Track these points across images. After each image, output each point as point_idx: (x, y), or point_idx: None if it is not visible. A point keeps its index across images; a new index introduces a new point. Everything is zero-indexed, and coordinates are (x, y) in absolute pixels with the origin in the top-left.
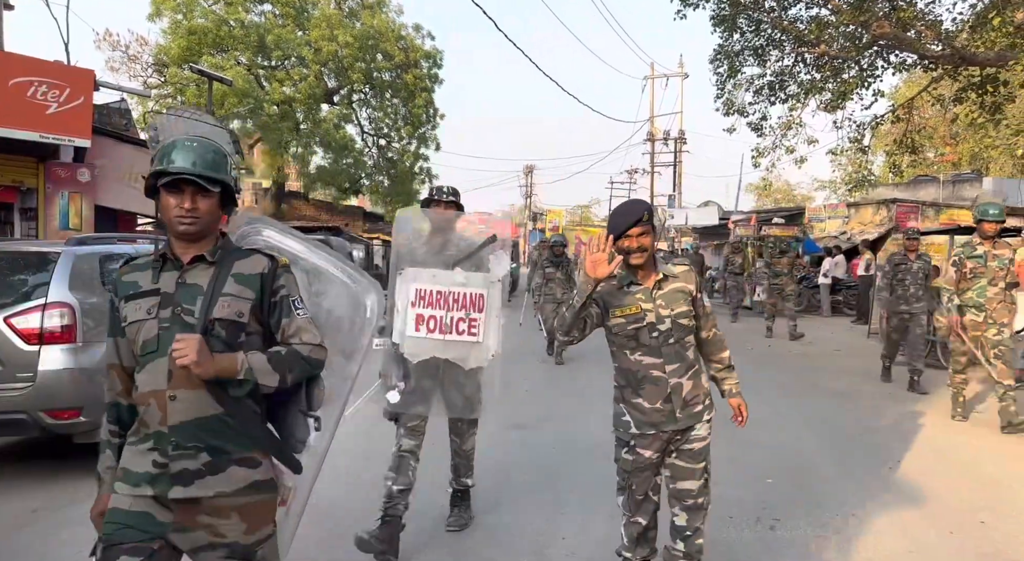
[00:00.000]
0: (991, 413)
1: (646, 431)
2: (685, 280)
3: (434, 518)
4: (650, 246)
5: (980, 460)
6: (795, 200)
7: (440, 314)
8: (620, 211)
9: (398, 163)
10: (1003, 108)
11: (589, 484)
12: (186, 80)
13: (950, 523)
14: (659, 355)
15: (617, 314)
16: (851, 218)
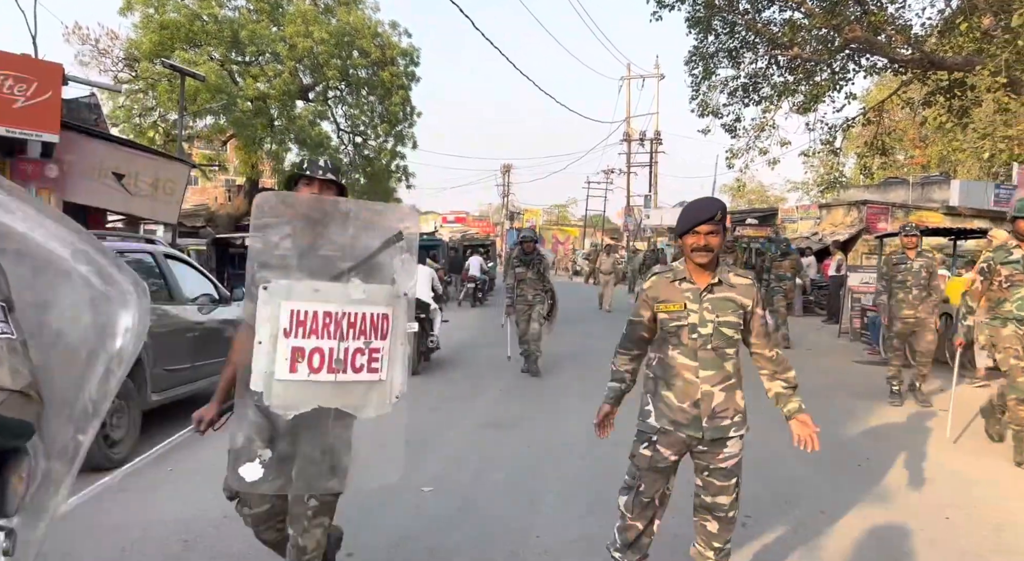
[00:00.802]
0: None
1: (666, 427)
2: (743, 293)
3: (409, 516)
4: (716, 247)
5: (946, 457)
6: (768, 201)
7: (329, 345)
8: (693, 206)
9: (374, 161)
10: (970, 112)
11: (564, 483)
12: (158, 75)
13: (916, 519)
14: (695, 358)
15: (662, 308)
16: (823, 219)
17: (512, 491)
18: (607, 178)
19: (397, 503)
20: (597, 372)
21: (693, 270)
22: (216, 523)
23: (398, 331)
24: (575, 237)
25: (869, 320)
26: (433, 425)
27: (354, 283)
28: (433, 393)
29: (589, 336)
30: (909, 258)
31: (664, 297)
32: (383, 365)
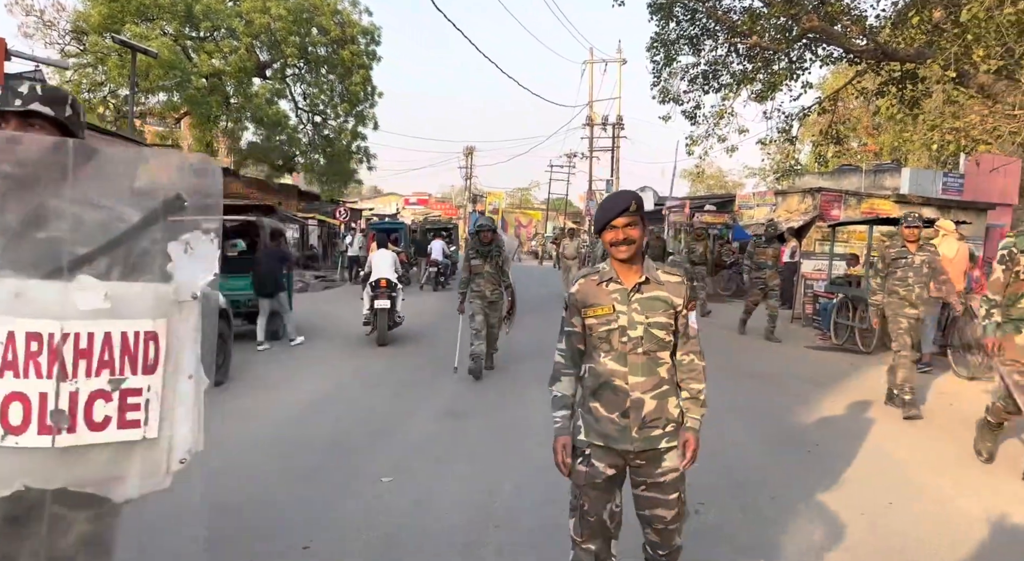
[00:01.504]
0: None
1: (595, 441)
2: (672, 291)
3: (367, 507)
4: (638, 239)
5: (890, 443)
6: (727, 186)
7: (39, 388)
8: (607, 201)
9: (334, 141)
10: (921, 103)
11: (522, 471)
12: (107, 50)
13: (861, 504)
14: (624, 363)
15: (590, 314)
16: (778, 206)
17: (472, 481)
18: (570, 162)
19: (356, 494)
20: None
21: (619, 268)
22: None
23: (181, 358)
24: (538, 220)
25: (820, 306)
26: (394, 414)
27: (85, 282)
28: (394, 379)
29: (551, 322)
30: (910, 252)
31: (591, 301)
32: (150, 414)
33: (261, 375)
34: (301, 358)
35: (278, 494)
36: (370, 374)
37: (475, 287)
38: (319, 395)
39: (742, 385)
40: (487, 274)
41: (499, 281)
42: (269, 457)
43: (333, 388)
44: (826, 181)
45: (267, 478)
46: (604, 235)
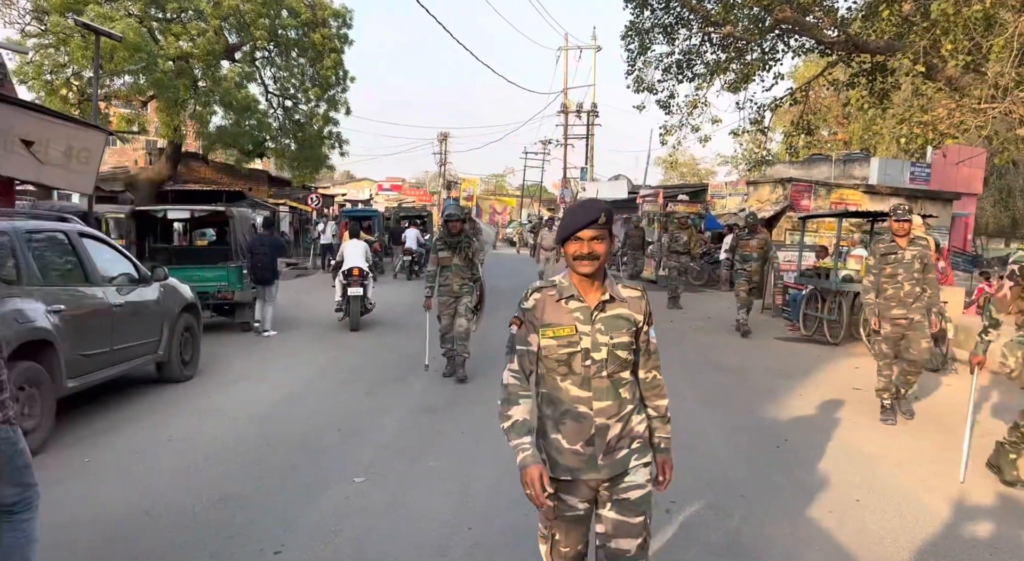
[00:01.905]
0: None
1: (560, 476)
2: (633, 307)
3: (338, 509)
4: (603, 255)
5: (857, 438)
6: (700, 174)
7: None
8: (573, 209)
9: (306, 126)
10: (890, 95)
11: (496, 470)
12: (70, 30)
13: (829, 501)
14: (588, 388)
15: (549, 334)
16: (750, 196)
17: (445, 480)
18: (544, 149)
19: (327, 496)
20: None
21: (580, 284)
22: (137, 522)
23: None
24: (512, 207)
25: (790, 297)
26: (367, 411)
27: None
28: (367, 374)
29: None
30: (900, 247)
31: (550, 319)
32: None
33: (231, 370)
34: (272, 351)
35: (249, 495)
36: (342, 369)
37: (443, 281)
38: (291, 391)
39: (712, 379)
40: (455, 267)
41: (468, 275)
42: (239, 456)
43: (305, 384)
44: (797, 170)
45: (237, 478)
46: (567, 246)
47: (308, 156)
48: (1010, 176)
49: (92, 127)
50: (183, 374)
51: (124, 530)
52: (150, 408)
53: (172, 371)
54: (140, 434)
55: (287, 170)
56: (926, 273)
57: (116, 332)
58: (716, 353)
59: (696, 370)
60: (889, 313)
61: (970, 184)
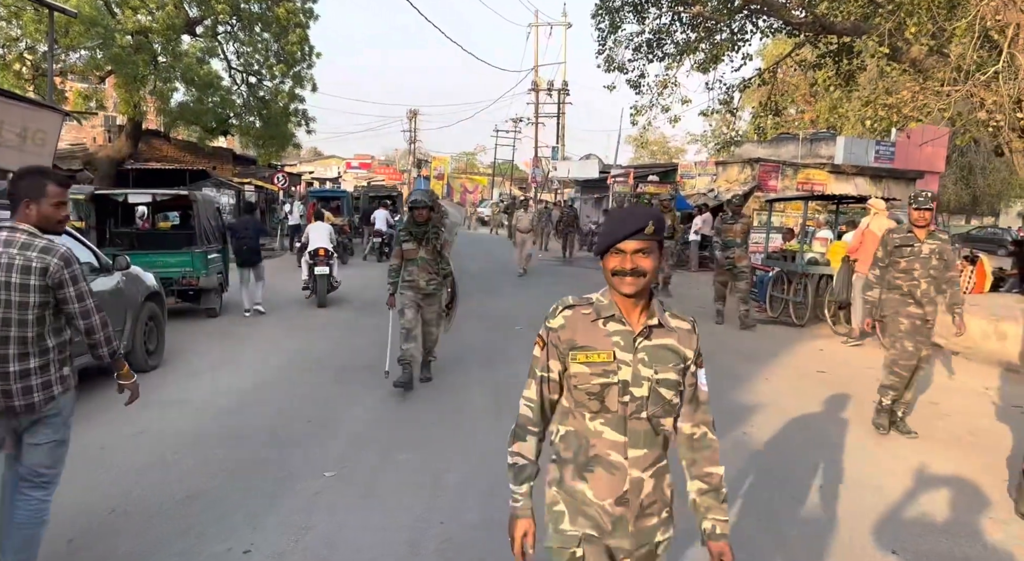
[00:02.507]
0: (838, 375)
1: (589, 532)
2: (683, 341)
3: (309, 505)
4: (650, 272)
5: (823, 423)
6: (670, 153)
7: None
8: (616, 215)
9: (271, 103)
10: (856, 77)
11: (468, 461)
12: (22, 3)
13: (794, 490)
14: (623, 431)
15: (580, 359)
16: (719, 176)
17: (416, 472)
18: (515, 127)
19: (297, 490)
20: (505, 339)
21: (621, 304)
22: (102, 521)
23: None
24: (484, 186)
25: (757, 279)
26: (338, 400)
27: None
28: (336, 362)
29: (498, 296)
30: (917, 239)
31: (583, 342)
32: None
33: (198, 359)
34: (241, 338)
35: (217, 491)
36: (312, 355)
37: (407, 276)
38: (260, 380)
39: None
40: (422, 261)
41: (437, 269)
42: (207, 450)
43: (274, 372)
44: (764, 150)
45: (205, 474)
46: (606, 260)
47: (273, 134)
48: (971, 154)
49: (47, 107)
50: (147, 364)
51: (89, 530)
52: (114, 401)
53: (136, 361)
54: (104, 428)
55: (252, 148)
56: (946, 271)
57: None
58: None
59: None
60: (905, 309)
61: (933, 163)
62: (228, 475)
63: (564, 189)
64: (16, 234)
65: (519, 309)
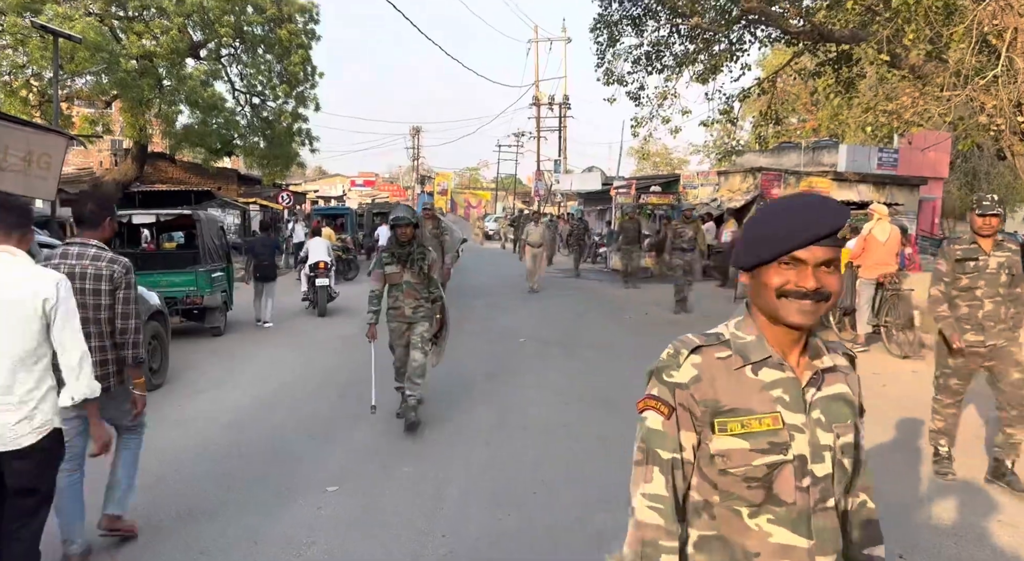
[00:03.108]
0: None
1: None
2: (851, 384)
3: (310, 519)
4: (835, 294)
5: None
6: (672, 164)
7: None
8: (793, 208)
9: (274, 124)
10: (856, 84)
11: (469, 473)
12: (28, 31)
13: None
14: (805, 529)
15: (733, 429)
16: (721, 186)
17: (418, 484)
18: (517, 141)
19: (299, 506)
20: (508, 357)
21: (777, 340)
22: (104, 538)
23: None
24: (487, 200)
25: None
26: (340, 415)
27: None
28: (340, 378)
29: (502, 311)
30: (983, 252)
31: (732, 402)
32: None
33: (201, 377)
34: (244, 357)
35: (219, 507)
36: (315, 371)
37: (392, 303)
38: (262, 397)
39: None
40: (407, 285)
41: (425, 294)
42: (209, 467)
43: (277, 388)
44: (767, 159)
45: (207, 490)
46: (766, 274)
47: (278, 154)
48: (975, 159)
49: (52, 131)
50: (151, 383)
51: (91, 547)
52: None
53: None
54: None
55: (257, 168)
56: (1013, 287)
57: None
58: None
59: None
60: (963, 337)
61: (936, 168)
62: (230, 491)
63: (567, 202)
64: (88, 249)
65: (524, 324)
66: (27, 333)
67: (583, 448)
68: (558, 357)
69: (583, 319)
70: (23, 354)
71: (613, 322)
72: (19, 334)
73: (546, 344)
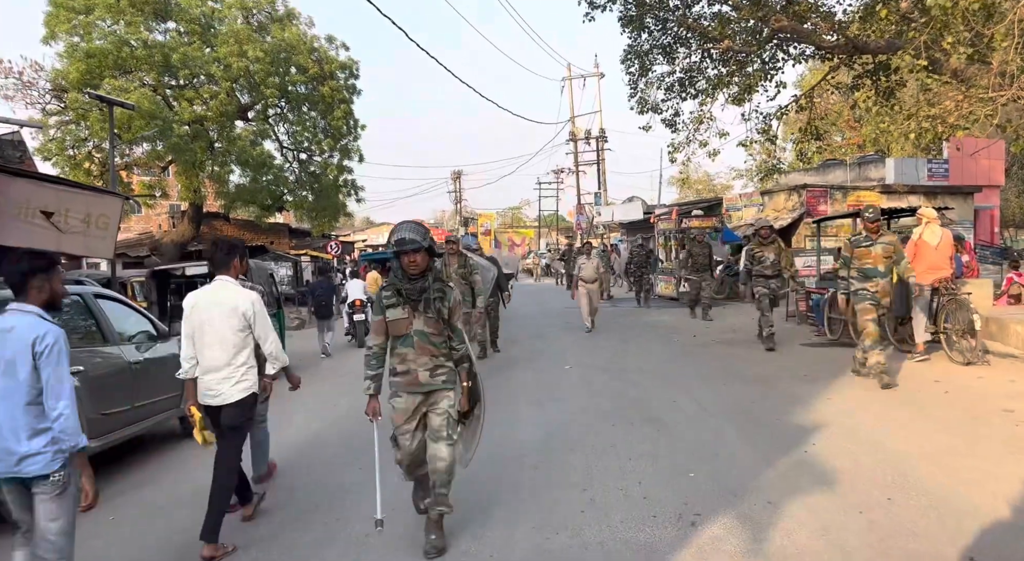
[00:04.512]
0: (904, 390)
1: None
2: None
3: (356, 546)
4: None
5: (888, 437)
6: (715, 190)
7: None
8: None
9: (321, 177)
10: (896, 93)
11: (517, 499)
12: (88, 105)
13: (859, 502)
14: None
15: None
16: (765, 206)
17: (465, 509)
18: (557, 178)
19: (346, 534)
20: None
21: None
22: None
23: None
24: (531, 237)
25: (813, 302)
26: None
27: None
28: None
29: (545, 341)
30: None
31: None
32: None
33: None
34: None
35: (269, 541)
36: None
37: (398, 365)
38: (313, 433)
39: (737, 390)
40: (419, 337)
41: (446, 350)
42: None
43: (327, 425)
44: (811, 177)
45: (258, 526)
46: None
47: (325, 206)
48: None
49: (108, 193)
50: None
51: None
52: (172, 463)
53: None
54: (163, 490)
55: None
56: None
57: (136, 389)
58: (738, 365)
59: (720, 383)
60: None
61: (991, 176)
62: (280, 525)
63: (610, 233)
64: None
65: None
66: (236, 331)
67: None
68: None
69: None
70: (236, 343)
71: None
72: (232, 331)
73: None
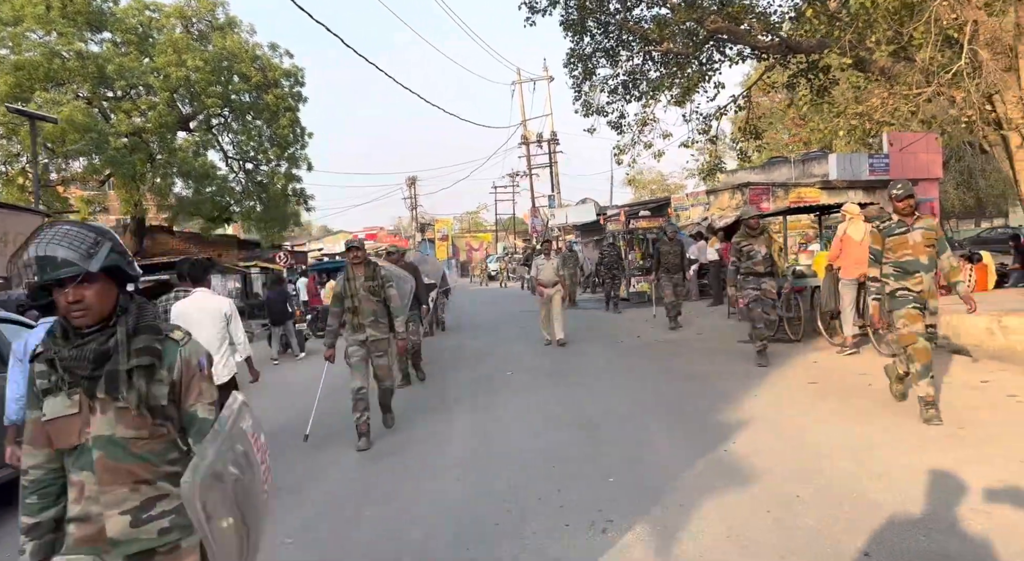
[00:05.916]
0: (829, 383)
1: None
2: None
3: None
4: None
5: (808, 431)
6: (669, 189)
7: None
8: None
9: (269, 187)
10: (829, 91)
11: (434, 511)
12: (18, 120)
13: (769, 500)
14: None
15: None
16: (711, 204)
17: (386, 526)
18: (512, 181)
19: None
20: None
21: None
22: None
23: None
24: (488, 242)
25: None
26: (316, 462)
27: None
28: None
29: (494, 346)
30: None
31: None
32: None
33: None
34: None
35: None
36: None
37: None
38: None
39: (674, 387)
40: (108, 448)
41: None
42: None
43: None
44: (757, 175)
45: None
46: None
47: (274, 215)
48: (969, 158)
49: (28, 211)
50: None
51: None
52: None
53: None
54: None
55: (255, 232)
56: None
57: None
58: (677, 364)
59: (655, 381)
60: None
61: (929, 169)
62: None
63: (565, 235)
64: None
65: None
66: (218, 327)
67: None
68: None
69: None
70: (219, 336)
71: None
72: (218, 329)
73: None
